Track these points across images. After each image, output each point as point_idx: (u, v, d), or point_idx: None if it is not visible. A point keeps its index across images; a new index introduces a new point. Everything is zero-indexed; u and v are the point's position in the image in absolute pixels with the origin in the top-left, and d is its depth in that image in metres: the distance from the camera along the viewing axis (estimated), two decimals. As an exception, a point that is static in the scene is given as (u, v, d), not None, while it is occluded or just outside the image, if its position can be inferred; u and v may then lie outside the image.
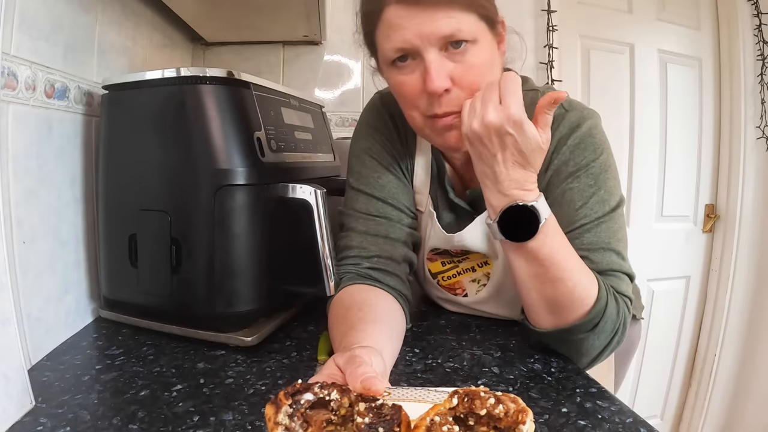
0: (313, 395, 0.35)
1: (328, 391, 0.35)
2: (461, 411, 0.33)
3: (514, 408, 0.32)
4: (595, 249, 0.61)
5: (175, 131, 0.65)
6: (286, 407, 0.34)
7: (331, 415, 0.34)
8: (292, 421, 0.33)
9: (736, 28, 1.60)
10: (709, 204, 1.74)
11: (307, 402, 0.34)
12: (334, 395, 0.35)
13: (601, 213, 0.62)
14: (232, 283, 0.65)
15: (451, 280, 0.79)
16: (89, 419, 0.47)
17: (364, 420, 0.33)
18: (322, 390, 0.35)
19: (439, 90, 0.57)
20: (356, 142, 0.77)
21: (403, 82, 0.61)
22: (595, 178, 0.63)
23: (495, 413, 0.32)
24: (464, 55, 0.58)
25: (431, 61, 0.57)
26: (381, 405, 0.35)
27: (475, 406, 0.33)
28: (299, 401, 0.34)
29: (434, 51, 0.57)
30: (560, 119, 0.66)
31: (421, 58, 0.58)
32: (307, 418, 0.34)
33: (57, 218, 0.67)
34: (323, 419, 0.34)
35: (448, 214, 0.76)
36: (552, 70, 1.49)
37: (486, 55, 0.60)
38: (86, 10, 0.74)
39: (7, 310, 0.46)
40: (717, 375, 1.72)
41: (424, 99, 0.60)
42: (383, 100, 0.77)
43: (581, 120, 0.65)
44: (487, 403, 0.33)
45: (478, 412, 0.33)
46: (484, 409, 0.33)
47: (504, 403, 0.33)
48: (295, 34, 1.34)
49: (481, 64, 0.60)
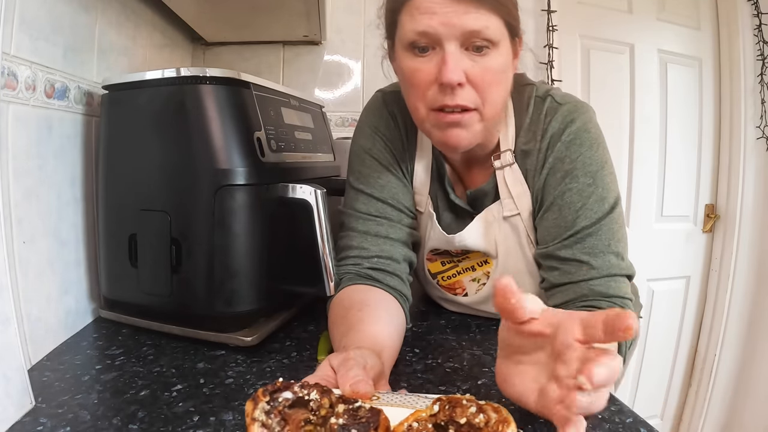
0: (293, 394, 0.35)
1: (307, 391, 0.35)
2: (442, 418, 0.33)
3: (496, 418, 0.32)
4: (596, 253, 0.61)
5: (175, 131, 0.65)
6: (263, 403, 0.34)
7: (310, 414, 0.34)
8: (269, 417, 0.34)
9: (736, 28, 1.60)
10: (709, 204, 1.74)
11: (286, 400, 0.35)
12: (314, 395, 0.35)
13: (601, 213, 0.62)
14: (232, 283, 0.65)
15: (451, 280, 0.79)
16: (89, 419, 0.47)
17: (338, 421, 0.33)
18: (302, 389, 0.35)
19: (453, 82, 0.57)
20: (357, 140, 0.77)
21: (417, 69, 0.60)
22: (593, 176, 0.63)
23: (475, 422, 0.32)
24: (483, 57, 0.58)
25: (450, 53, 0.57)
26: (358, 407, 0.35)
27: (456, 414, 0.33)
28: (277, 399, 0.35)
29: (455, 44, 0.57)
30: (553, 113, 0.66)
31: (440, 49, 0.58)
32: (285, 416, 0.34)
33: (57, 218, 0.67)
34: (302, 418, 0.34)
35: (448, 215, 0.76)
36: (552, 70, 1.49)
37: (503, 62, 0.60)
38: (86, 10, 0.74)
39: (7, 310, 0.46)
40: (717, 375, 1.71)
41: (434, 90, 0.60)
42: (385, 99, 0.77)
43: (575, 115, 0.65)
44: (468, 411, 0.32)
45: (458, 420, 0.32)
46: (464, 417, 0.32)
47: (486, 412, 0.32)
48: (295, 34, 1.34)
49: (497, 69, 0.60)
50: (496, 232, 0.71)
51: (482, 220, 0.71)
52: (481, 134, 0.63)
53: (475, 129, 0.62)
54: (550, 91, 0.68)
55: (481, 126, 0.62)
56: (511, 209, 0.69)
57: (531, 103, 0.67)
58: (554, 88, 0.70)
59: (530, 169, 0.67)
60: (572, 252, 0.62)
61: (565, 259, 0.62)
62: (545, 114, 0.66)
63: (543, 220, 0.66)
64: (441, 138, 0.63)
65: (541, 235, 0.66)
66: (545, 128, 0.66)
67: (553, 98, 0.67)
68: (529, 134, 0.67)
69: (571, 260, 0.62)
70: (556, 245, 0.63)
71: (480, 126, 0.62)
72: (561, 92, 0.69)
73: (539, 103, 0.67)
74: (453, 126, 0.61)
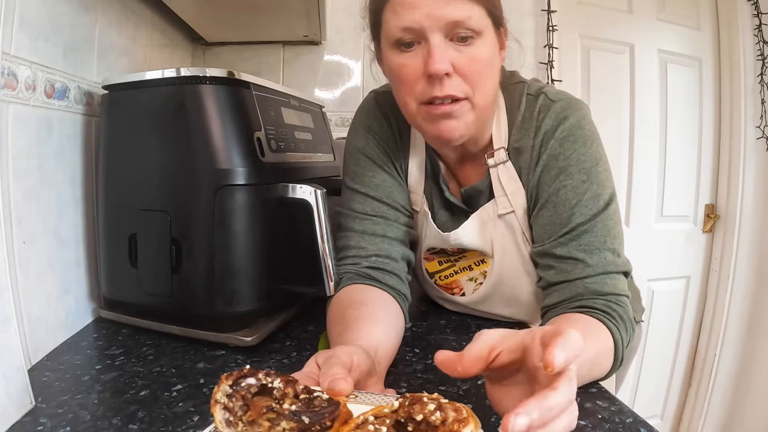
0: (257, 380, 0.36)
1: (271, 379, 0.36)
2: (402, 415, 0.33)
3: (453, 417, 0.32)
4: (592, 250, 0.61)
5: (175, 131, 0.65)
6: (225, 386, 0.35)
7: (273, 402, 0.35)
8: (230, 401, 0.35)
9: (736, 28, 1.60)
10: (709, 204, 1.74)
11: (249, 386, 0.36)
12: (277, 384, 0.36)
13: (596, 210, 0.62)
14: (232, 283, 0.65)
15: (448, 280, 0.79)
16: (89, 419, 0.47)
17: (291, 408, 0.34)
18: (266, 377, 0.36)
19: (440, 72, 0.57)
20: (351, 141, 0.77)
21: (404, 64, 0.61)
22: (587, 173, 0.63)
23: (431, 420, 0.32)
24: (468, 47, 0.59)
25: (436, 44, 0.57)
26: (315, 397, 0.36)
27: (414, 411, 0.32)
28: (240, 383, 0.36)
29: (440, 36, 0.57)
30: (546, 110, 0.66)
31: (425, 43, 0.58)
32: (248, 402, 0.35)
33: (57, 218, 0.67)
34: (264, 405, 0.35)
35: (443, 213, 0.76)
36: (552, 69, 1.49)
37: (489, 52, 0.61)
38: (86, 10, 0.74)
39: (7, 310, 0.46)
40: (717, 375, 1.71)
41: (423, 83, 0.60)
42: (378, 100, 0.77)
43: (569, 111, 0.65)
44: (426, 408, 0.32)
45: (415, 417, 0.32)
46: (421, 414, 0.32)
47: (444, 410, 0.32)
48: (295, 34, 1.34)
49: (483, 59, 0.60)
50: (491, 231, 0.71)
51: (477, 219, 0.71)
52: (474, 125, 0.63)
53: (468, 119, 0.62)
54: (543, 89, 0.68)
55: (473, 116, 0.62)
56: (506, 207, 0.69)
57: (523, 101, 0.67)
58: (547, 86, 0.70)
59: (524, 166, 0.67)
60: (568, 249, 0.62)
61: (561, 257, 0.62)
62: (538, 111, 0.66)
63: (538, 217, 0.66)
64: (433, 132, 0.63)
65: (537, 233, 0.66)
66: (538, 125, 0.66)
67: (546, 95, 0.67)
68: (521, 131, 0.67)
69: (566, 258, 0.62)
70: (552, 243, 0.63)
71: (472, 116, 0.62)
72: (554, 89, 0.69)
73: (532, 101, 0.67)
74: (445, 118, 0.61)
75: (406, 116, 0.67)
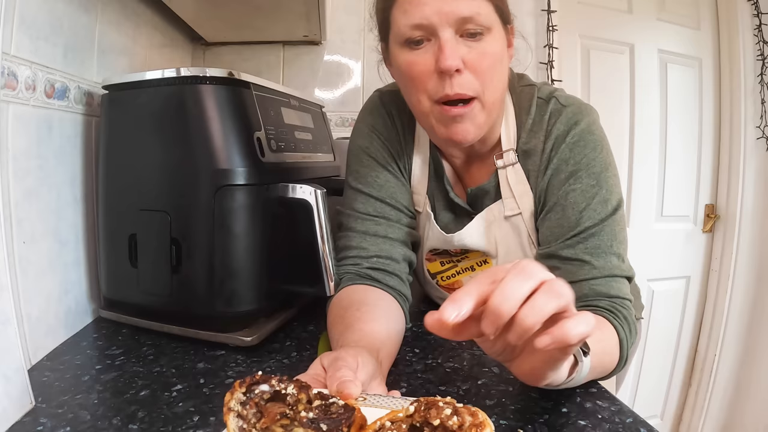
0: (270, 387, 0.35)
1: (285, 385, 0.36)
2: (417, 420, 0.33)
3: (470, 421, 0.32)
4: (598, 253, 0.61)
5: (175, 131, 0.65)
6: (239, 394, 0.35)
7: (287, 409, 0.35)
8: (244, 408, 0.34)
9: (736, 28, 1.60)
10: (709, 204, 1.74)
11: (263, 392, 0.35)
12: (291, 390, 0.35)
13: (604, 214, 0.62)
14: (232, 283, 0.65)
15: (451, 280, 0.79)
16: (89, 419, 0.47)
17: (308, 414, 0.34)
18: (279, 384, 0.36)
19: (451, 68, 0.57)
20: (354, 140, 0.77)
21: (414, 62, 0.61)
22: (597, 177, 0.63)
23: (448, 425, 0.31)
24: (479, 42, 0.59)
25: (446, 39, 0.57)
26: (331, 403, 0.35)
27: (430, 416, 0.32)
28: (254, 390, 0.35)
29: (450, 31, 0.58)
30: (557, 115, 0.66)
31: (435, 39, 0.58)
32: (261, 409, 0.34)
33: (57, 218, 0.67)
34: (278, 411, 0.34)
35: (446, 214, 0.76)
36: (552, 70, 1.49)
37: (498, 48, 0.61)
38: (86, 10, 0.73)
39: (7, 310, 0.46)
40: (717, 375, 1.72)
41: (434, 80, 0.60)
42: (382, 99, 0.77)
43: (579, 116, 0.65)
44: (443, 413, 0.32)
45: (432, 422, 0.32)
46: (438, 419, 0.32)
47: (461, 415, 0.32)
48: (295, 34, 1.34)
49: (493, 54, 0.60)
50: (496, 232, 0.71)
51: (482, 220, 0.71)
52: (485, 125, 0.64)
53: (479, 120, 0.62)
54: (554, 93, 0.68)
55: (484, 116, 0.62)
56: (513, 209, 0.69)
57: (533, 104, 0.68)
58: (558, 90, 0.70)
59: (532, 169, 0.67)
60: (574, 252, 0.62)
61: (567, 258, 0.62)
62: (549, 115, 0.66)
63: (546, 220, 0.66)
64: (446, 134, 0.63)
65: (544, 236, 0.66)
66: (549, 129, 0.66)
67: (557, 100, 0.67)
68: (531, 134, 0.67)
69: (573, 260, 0.62)
70: (559, 245, 0.63)
71: (483, 116, 0.62)
72: (565, 94, 0.69)
73: (542, 105, 0.67)
74: (458, 120, 0.61)
75: (417, 116, 0.67)
